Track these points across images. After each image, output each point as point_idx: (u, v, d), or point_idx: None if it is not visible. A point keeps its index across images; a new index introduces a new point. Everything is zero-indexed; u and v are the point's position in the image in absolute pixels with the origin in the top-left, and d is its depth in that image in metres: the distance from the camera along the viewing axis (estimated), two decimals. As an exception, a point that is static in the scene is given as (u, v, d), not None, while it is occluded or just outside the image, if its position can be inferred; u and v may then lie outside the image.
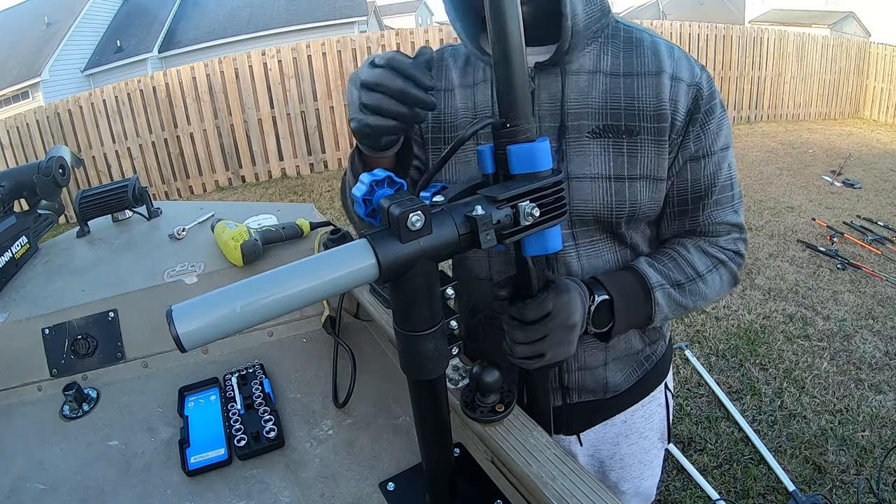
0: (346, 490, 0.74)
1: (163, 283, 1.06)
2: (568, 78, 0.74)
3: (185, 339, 0.39)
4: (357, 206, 0.54)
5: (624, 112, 0.73)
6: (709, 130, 0.75)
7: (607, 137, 0.73)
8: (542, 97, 0.75)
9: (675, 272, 0.78)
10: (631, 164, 0.73)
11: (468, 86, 0.81)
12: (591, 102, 0.73)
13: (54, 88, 13.03)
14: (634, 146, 0.73)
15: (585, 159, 0.74)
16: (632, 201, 0.74)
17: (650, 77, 0.72)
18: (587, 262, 0.78)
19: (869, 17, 15.40)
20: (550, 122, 0.75)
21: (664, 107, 0.72)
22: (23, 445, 0.88)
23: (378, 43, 5.98)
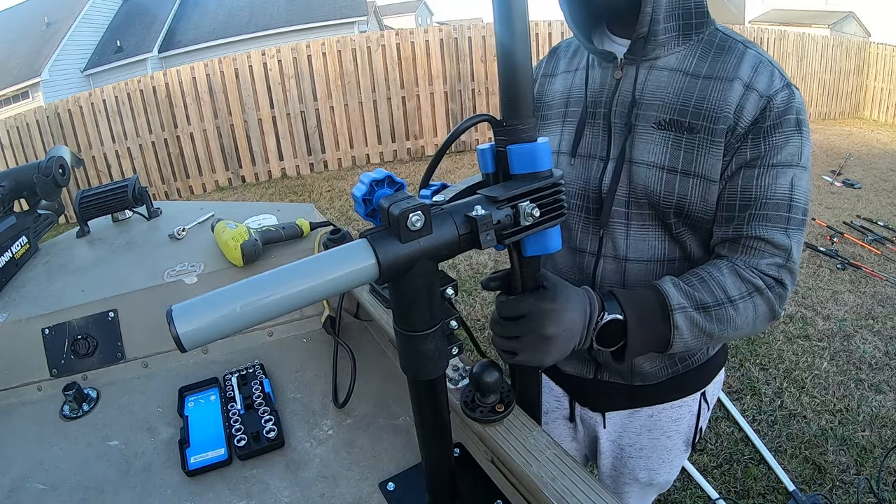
0: (346, 490, 0.74)
1: (163, 283, 1.06)
2: (651, 71, 0.80)
3: (185, 339, 0.39)
4: (357, 205, 0.54)
5: (691, 110, 0.76)
6: (771, 143, 0.73)
7: (670, 130, 0.78)
8: (623, 86, 0.82)
9: (703, 293, 0.72)
10: (686, 160, 0.77)
11: (570, 70, 0.90)
12: (664, 97, 0.78)
13: (54, 88, 13.03)
14: (692, 143, 0.76)
15: (647, 146, 0.79)
16: (680, 194, 0.77)
17: (724, 81, 0.75)
18: (633, 244, 0.84)
19: (869, 17, 15.39)
20: (623, 108, 0.82)
21: (727, 111, 0.74)
22: (23, 445, 0.88)
23: (378, 43, 5.98)
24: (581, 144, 0.86)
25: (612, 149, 0.83)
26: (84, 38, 14.98)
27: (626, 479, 1.06)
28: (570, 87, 0.89)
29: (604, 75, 0.84)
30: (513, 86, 0.52)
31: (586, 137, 0.85)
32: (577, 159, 0.86)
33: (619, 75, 0.82)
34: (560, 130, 0.89)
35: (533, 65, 0.61)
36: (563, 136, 0.88)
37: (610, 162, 0.83)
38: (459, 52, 6.11)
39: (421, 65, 6.07)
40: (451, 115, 6.29)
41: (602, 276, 0.87)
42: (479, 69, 6.18)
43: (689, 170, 0.76)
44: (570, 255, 0.90)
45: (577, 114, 0.87)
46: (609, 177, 0.83)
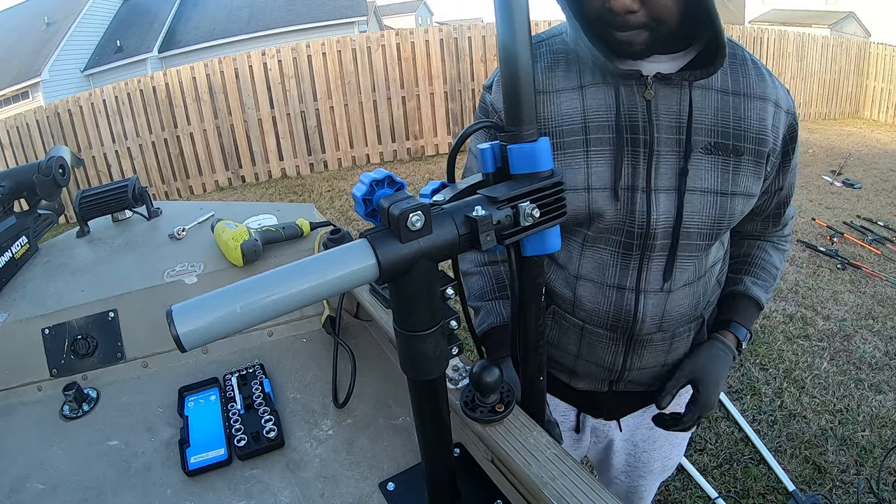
0: (346, 490, 0.74)
1: (163, 283, 1.06)
2: (683, 90, 0.75)
3: (185, 339, 0.39)
4: (357, 205, 0.54)
5: (732, 131, 0.76)
6: (796, 151, 0.83)
7: (717, 154, 0.76)
8: (660, 108, 0.75)
9: (769, 279, 0.97)
10: (734, 182, 0.78)
11: (573, 88, 0.78)
12: (704, 119, 0.76)
13: (54, 88, 13.02)
14: (738, 165, 0.77)
15: (697, 174, 0.77)
16: (730, 215, 0.79)
17: (756, 100, 0.76)
18: (677, 274, 0.82)
19: (869, 17, 15.39)
20: (667, 134, 0.76)
21: (766, 132, 0.77)
22: (23, 445, 0.88)
23: (378, 43, 5.98)
24: (618, 177, 0.77)
25: (655, 178, 0.76)
26: (84, 38, 14.98)
27: (642, 472, 1.09)
28: (582, 108, 0.77)
29: (629, 96, 0.75)
30: (516, 89, 0.52)
31: (622, 168, 0.77)
32: (615, 192, 0.78)
33: (650, 96, 0.74)
34: (585, 163, 0.78)
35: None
36: (592, 170, 0.78)
37: (655, 193, 0.77)
38: (459, 52, 6.11)
39: (421, 65, 6.07)
40: (451, 115, 6.29)
41: (644, 312, 0.83)
42: (479, 69, 6.18)
43: (736, 190, 0.78)
44: (605, 292, 0.84)
45: (602, 142, 0.77)
46: (660, 209, 0.77)
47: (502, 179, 0.55)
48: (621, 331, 0.86)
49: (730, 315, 0.94)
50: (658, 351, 0.89)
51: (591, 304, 0.86)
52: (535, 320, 0.64)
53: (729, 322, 0.93)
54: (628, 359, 0.89)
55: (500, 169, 0.55)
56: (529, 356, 0.68)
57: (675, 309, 0.85)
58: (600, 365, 0.91)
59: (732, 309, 0.94)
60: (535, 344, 0.66)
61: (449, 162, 0.59)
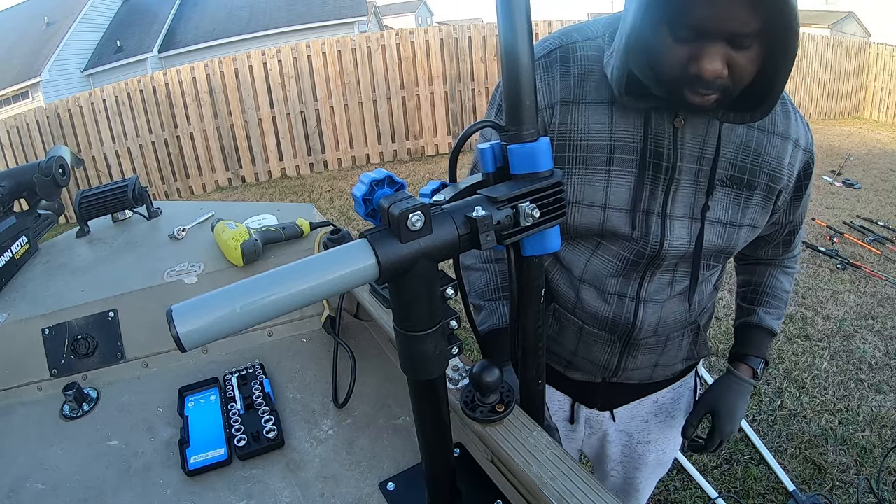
0: (346, 490, 0.74)
1: (163, 283, 1.06)
2: (712, 123, 0.75)
3: (185, 339, 0.39)
4: (357, 205, 0.54)
5: (749, 166, 0.78)
6: (810, 185, 0.85)
7: (731, 187, 0.78)
8: (686, 137, 0.75)
9: (780, 306, 1.02)
10: (742, 214, 0.80)
11: (604, 102, 0.76)
12: (725, 152, 0.77)
13: (54, 88, 13.02)
14: (749, 199, 0.79)
15: (711, 204, 0.79)
16: (734, 244, 0.82)
17: (778, 138, 0.78)
18: (675, 287, 0.86)
19: (869, 17, 15.40)
20: (690, 163, 0.77)
21: (782, 171, 0.79)
22: (23, 445, 0.88)
23: (378, 43, 5.98)
24: (636, 199, 0.78)
25: (672, 205, 0.78)
26: (84, 38, 14.98)
27: (637, 465, 1.10)
28: (610, 126, 0.76)
29: (658, 122, 0.75)
30: (517, 91, 0.52)
31: (641, 191, 0.78)
32: (630, 214, 0.79)
33: (679, 124, 0.74)
34: (605, 182, 0.78)
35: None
36: (612, 189, 0.78)
37: (671, 219, 0.78)
38: (459, 52, 6.11)
39: (421, 65, 6.07)
40: (451, 115, 6.29)
41: (642, 319, 0.87)
42: (479, 69, 6.18)
43: (743, 222, 0.81)
44: (606, 298, 0.87)
45: (626, 163, 0.77)
46: (674, 235, 0.79)
47: (502, 179, 0.55)
48: (619, 334, 0.89)
49: (745, 349, 1.01)
50: (651, 353, 0.93)
51: (592, 307, 0.88)
52: (535, 323, 0.64)
53: (745, 356, 1.00)
54: (623, 359, 0.93)
55: (501, 169, 0.55)
56: (528, 359, 0.68)
57: (670, 316, 0.89)
58: (596, 363, 0.94)
59: (748, 342, 1.01)
60: (535, 347, 0.66)
61: (451, 162, 0.59)
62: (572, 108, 0.77)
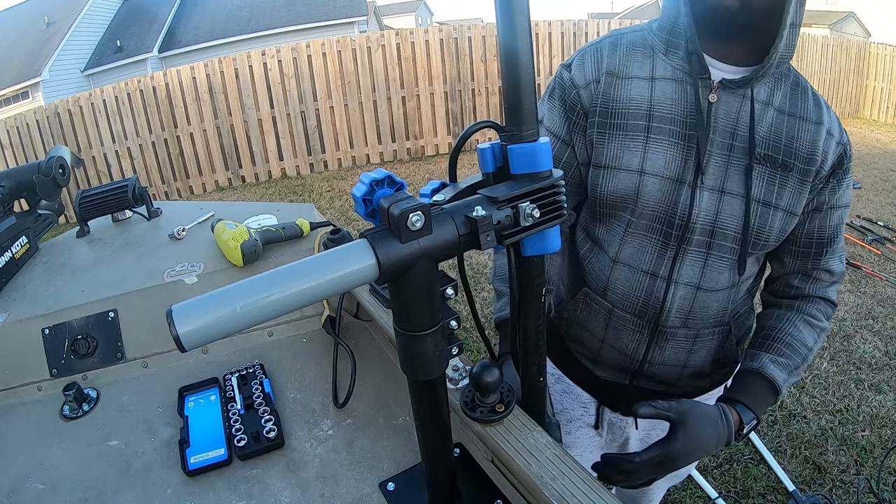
0: (346, 490, 0.74)
1: (163, 283, 1.06)
2: (744, 101, 0.79)
3: (185, 339, 0.39)
4: (357, 205, 0.54)
5: (784, 147, 0.79)
6: (842, 187, 0.84)
7: (765, 165, 0.80)
8: (719, 113, 0.79)
9: (794, 357, 0.86)
10: (778, 195, 0.80)
11: (645, 78, 0.82)
12: (758, 130, 0.79)
13: (54, 88, 13.02)
14: (785, 180, 0.80)
15: (743, 179, 0.80)
16: (770, 227, 0.81)
17: (811, 124, 0.80)
18: (708, 274, 0.85)
19: (869, 17, 15.40)
20: (722, 137, 0.80)
21: (816, 154, 0.80)
22: (23, 445, 0.88)
23: (378, 43, 5.98)
24: (670, 167, 0.82)
25: (703, 176, 0.81)
26: (84, 38, 14.98)
27: None
28: (650, 98, 0.82)
29: (694, 96, 0.80)
30: (517, 89, 0.52)
31: (676, 160, 0.81)
32: (664, 182, 0.82)
33: (714, 99, 0.79)
34: (643, 147, 0.82)
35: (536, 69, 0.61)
36: (649, 155, 0.82)
37: (700, 189, 0.81)
38: (459, 52, 6.11)
39: (421, 65, 6.07)
40: (451, 115, 6.29)
41: (671, 302, 0.86)
42: (479, 69, 6.19)
43: (779, 204, 0.81)
44: (638, 277, 0.87)
45: (663, 132, 0.81)
46: (702, 205, 0.81)
47: (502, 179, 0.55)
48: (647, 318, 0.89)
49: (736, 393, 0.83)
50: (680, 348, 0.90)
51: (623, 287, 0.89)
52: (536, 321, 0.64)
53: (734, 401, 0.82)
54: (650, 350, 0.91)
55: (501, 169, 0.55)
56: (529, 357, 0.68)
57: (702, 308, 0.87)
58: (623, 352, 0.93)
59: (741, 387, 0.84)
60: (535, 345, 0.66)
61: (451, 162, 0.59)
62: (615, 81, 0.83)
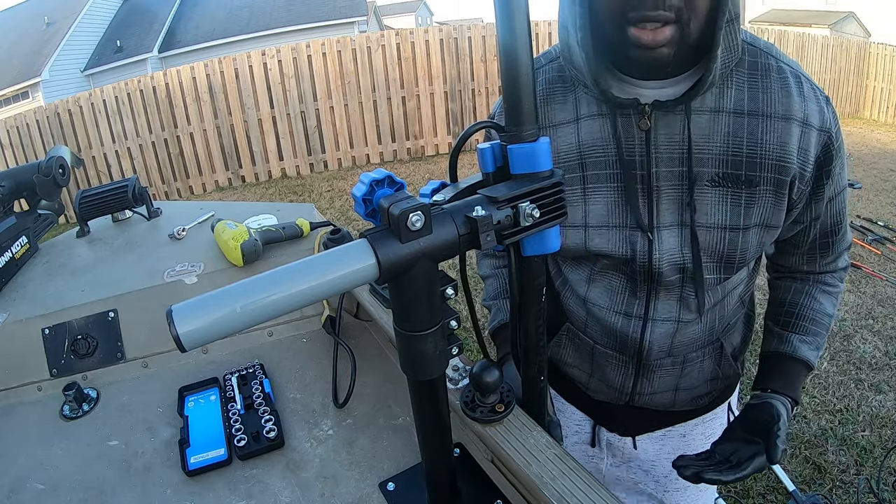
0: (346, 490, 0.74)
1: (163, 283, 1.06)
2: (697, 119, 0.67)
3: (185, 339, 0.39)
4: (357, 205, 0.54)
5: (746, 160, 0.67)
6: (836, 175, 0.72)
7: (726, 187, 0.68)
8: (659, 139, 0.69)
9: (821, 332, 0.83)
10: (746, 215, 0.70)
11: (570, 121, 0.74)
12: (711, 147, 0.68)
13: (54, 88, 13.02)
14: (752, 197, 0.69)
15: (703, 208, 0.70)
16: (742, 249, 0.72)
17: (777, 121, 0.66)
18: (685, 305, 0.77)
19: (869, 17, 15.39)
20: (668, 166, 0.69)
21: (789, 158, 0.67)
22: (23, 445, 0.88)
23: (378, 43, 5.98)
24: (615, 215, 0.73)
25: (657, 215, 0.72)
26: (84, 38, 14.98)
27: None
28: (578, 143, 0.73)
29: (625, 127, 0.70)
30: (516, 90, 0.52)
31: (619, 206, 0.73)
32: (612, 231, 0.74)
33: (647, 126, 0.68)
34: (582, 201, 0.74)
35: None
36: (590, 207, 0.74)
37: (658, 230, 0.72)
38: (459, 52, 6.11)
39: (421, 65, 6.07)
40: (451, 115, 6.29)
41: (650, 339, 0.80)
42: (479, 69, 6.19)
43: (749, 223, 0.70)
44: (612, 318, 0.82)
45: (600, 178, 0.73)
46: (663, 248, 0.72)
47: (502, 179, 0.55)
48: (629, 354, 0.84)
49: (772, 383, 0.81)
50: (668, 376, 0.85)
51: (599, 326, 0.84)
52: (536, 321, 0.64)
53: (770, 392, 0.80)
54: (638, 382, 0.86)
55: (501, 169, 0.55)
56: (530, 356, 0.68)
57: (685, 336, 0.81)
58: (611, 386, 0.89)
59: (776, 375, 0.82)
60: (536, 344, 0.66)
61: (451, 162, 0.59)
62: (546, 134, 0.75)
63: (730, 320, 0.84)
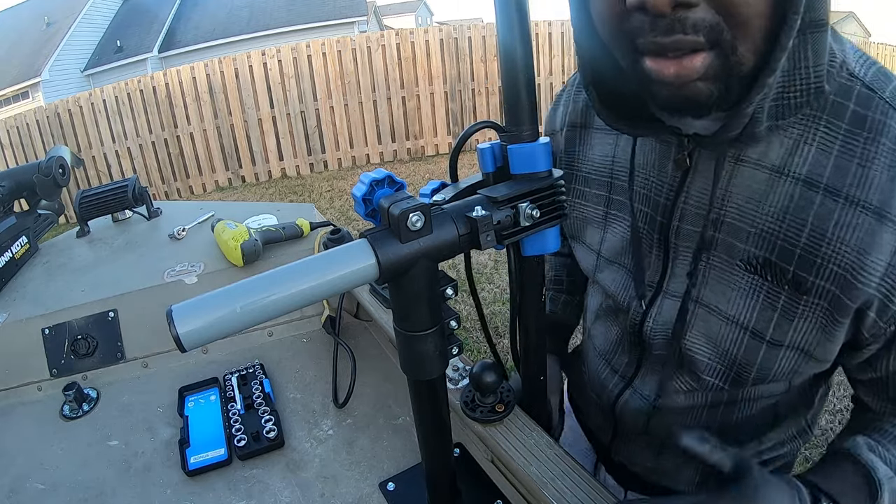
0: (346, 490, 0.74)
1: (163, 283, 1.06)
2: (739, 167, 0.49)
3: (185, 339, 0.39)
4: (357, 205, 0.54)
5: (800, 252, 0.47)
6: None
7: (763, 277, 0.49)
8: (695, 184, 0.52)
9: None
10: (779, 326, 0.50)
11: (609, 132, 0.62)
12: (758, 218, 0.48)
13: (54, 88, 13.04)
14: (794, 306, 0.49)
15: (724, 289, 0.52)
16: (763, 367, 0.53)
17: (865, 214, 0.44)
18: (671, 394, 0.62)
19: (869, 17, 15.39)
20: (693, 224, 0.53)
21: (865, 276, 0.45)
22: (23, 445, 0.88)
23: (378, 43, 5.98)
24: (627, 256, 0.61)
25: (669, 279, 0.57)
26: (84, 38, 15.00)
27: None
28: (612, 159, 0.61)
29: (661, 160, 0.55)
30: (515, 90, 0.52)
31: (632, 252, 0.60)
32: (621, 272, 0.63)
33: (684, 164, 0.52)
34: (603, 224, 0.62)
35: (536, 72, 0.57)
36: (607, 236, 0.62)
37: (663, 296, 0.58)
38: (459, 52, 6.11)
39: (421, 65, 6.07)
40: (451, 115, 6.29)
41: (621, 410, 0.69)
42: (479, 69, 6.19)
43: (781, 340, 0.51)
44: (601, 365, 0.72)
45: (623, 208, 0.61)
46: (661, 318, 0.58)
47: (502, 179, 0.55)
48: (606, 409, 0.74)
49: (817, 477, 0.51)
50: (644, 453, 0.72)
51: (591, 365, 0.78)
52: (536, 321, 0.65)
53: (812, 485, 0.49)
54: (615, 441, 0.76)
55: (501, 169, 0.55)
56: (530, 356, 0.68)
57: (666, 422, 0.65)
58: (596, 428, 0.81)
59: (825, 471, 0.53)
60: (536, 344, 0.66)
61: (451, 162, 0.59)
62: (578, 132, 0.65)
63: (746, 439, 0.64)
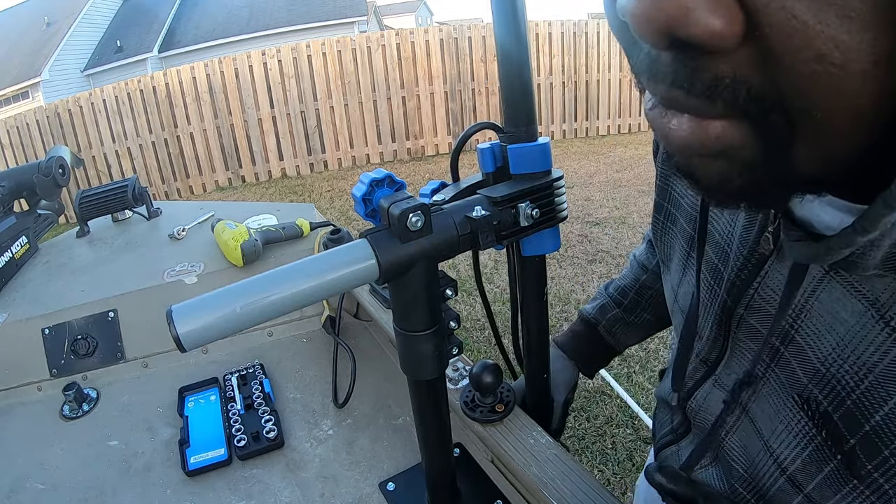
0: (346, 490, 0.74)
1: (163, 283, 1.06)
2: (828, 282, 0.36)
3: (185, 339, 0.39)
4: (357, 205, 0.54)
5: (868, 431, 0.35)
6: None
7: (812, 422, 0.39)
8: (771, 277, 0.41)
9: None
10: (823, 489, 0.40)
11: None
12: (827, 351, 0.37)
13: (54, 88, 13.04)
14: (845, 483, 0.38)
15: (773, 418, 0.43)
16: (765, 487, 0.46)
17: None
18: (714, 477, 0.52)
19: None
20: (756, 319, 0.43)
21: None
22: (23, 445, 0.88)
23: (378, 43, 5.98)
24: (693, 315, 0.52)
25: (724, 368, 0.48)
26: (84, 38, 15.00)
27: None
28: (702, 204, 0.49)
29: (744, 231, 0.43)
30: (514, 90, 0.52)
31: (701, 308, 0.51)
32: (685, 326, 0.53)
33: (767, 247, 0.40)
34: (682, 267, 0.54)
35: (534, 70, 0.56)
36: (685, 280, 0.54)
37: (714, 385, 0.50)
38: (459, 52, 6.11)
39: (421, 65, 6.07)
40: (451, 115, 6.30)
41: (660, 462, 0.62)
42: (479, 69, 6.19)
43: (818, 498, 0.42)
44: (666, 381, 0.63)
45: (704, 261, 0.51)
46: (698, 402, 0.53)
47: (502, 179, 0.55)
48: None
49: None
50: None
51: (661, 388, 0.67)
52: (537, 321, 0.65)
53: None
54: None
55: (501, 168, 0.56)
56: (532, 356, 0.68)
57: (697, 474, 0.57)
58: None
59: None
60: (538, 343, 0.67)
61: (452, 163, 0.59)
62: None
63: None
